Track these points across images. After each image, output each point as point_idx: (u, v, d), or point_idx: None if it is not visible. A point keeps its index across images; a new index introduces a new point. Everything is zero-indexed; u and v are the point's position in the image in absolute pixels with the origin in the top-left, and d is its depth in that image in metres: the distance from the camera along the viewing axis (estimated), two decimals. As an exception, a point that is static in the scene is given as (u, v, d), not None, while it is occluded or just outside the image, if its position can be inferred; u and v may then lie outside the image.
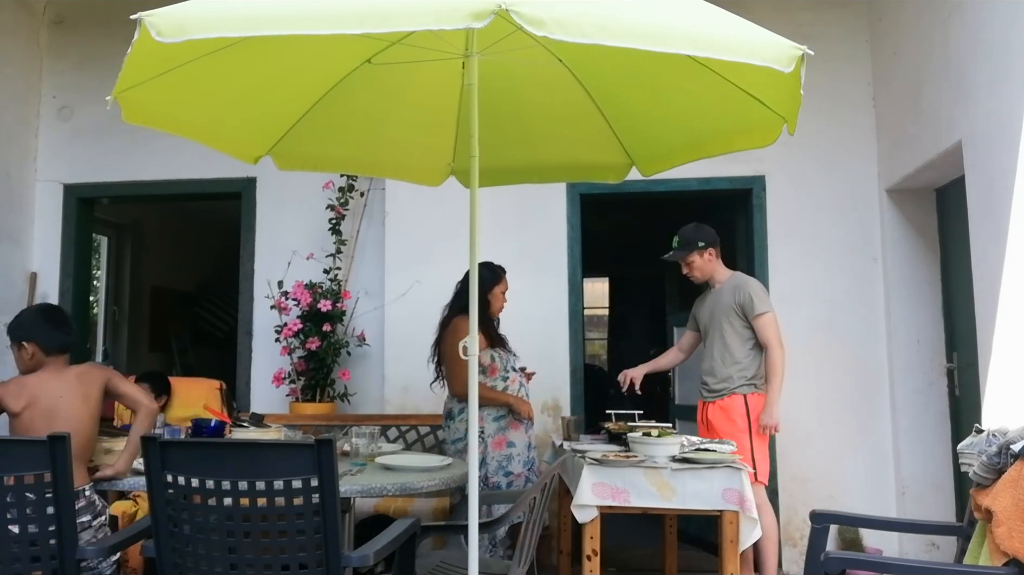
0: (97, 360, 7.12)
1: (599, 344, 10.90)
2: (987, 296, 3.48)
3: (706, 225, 4.02)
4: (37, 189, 5.43)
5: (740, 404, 3.79)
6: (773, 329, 3.78)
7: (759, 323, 3.78)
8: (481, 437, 3.69)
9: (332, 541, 2.08)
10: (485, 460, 3.71)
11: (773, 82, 2.18)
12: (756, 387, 3.81)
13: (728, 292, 3.89)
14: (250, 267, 5.23)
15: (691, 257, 3.96)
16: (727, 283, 3.94)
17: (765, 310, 3.78)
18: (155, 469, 2.13)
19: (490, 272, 3.84)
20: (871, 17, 4.85)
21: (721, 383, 3.84)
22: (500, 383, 3.79)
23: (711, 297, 4.01)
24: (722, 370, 3.84)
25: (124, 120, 2.46)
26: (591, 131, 3.13)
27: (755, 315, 3.78)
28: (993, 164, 3.39)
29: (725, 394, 3.82)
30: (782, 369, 3.74)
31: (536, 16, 1.79)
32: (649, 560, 4.63)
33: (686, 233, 3.99)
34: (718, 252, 4.00)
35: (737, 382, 3.81)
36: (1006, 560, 2.31)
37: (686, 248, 3.96)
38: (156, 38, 1.85)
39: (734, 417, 3.78)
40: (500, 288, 3.89)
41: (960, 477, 4.27)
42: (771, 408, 3.74)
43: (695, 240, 3.95)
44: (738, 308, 3.82)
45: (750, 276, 4.09)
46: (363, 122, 3.18)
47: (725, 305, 3.87)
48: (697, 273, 3.99)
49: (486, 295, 3.81)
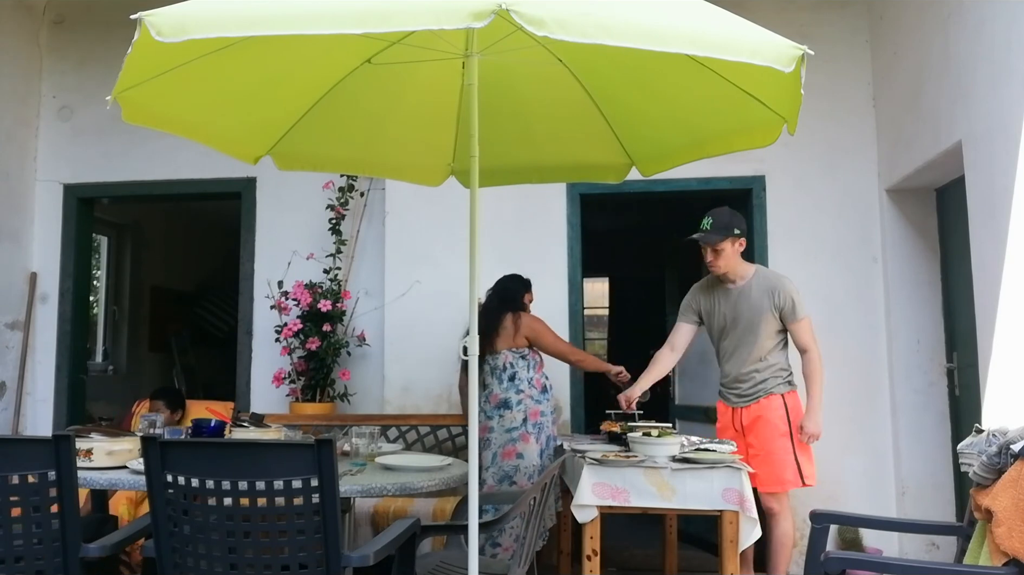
0: (97, 360, 7.13)
1: (599, 344, 10.89)
2: (987, 296, 3.48)
3: (740, 212, 3.75)
4: (37, 189, 5.43)
5: (779, 405, 3.59)
6: (811, 332, 3.59)
7: (799, 327, 3.58)
8: (545, 429, 3.96)
9: (332, 541, 2.08)
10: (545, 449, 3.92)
11: (773, 82, 2.18)
12: (791, 385, 3.64)
13: (762, 292, 3.61)
14: (250, 267, 5.23)
15: (723, 244, 3.58)
16: (754, 280, 3.65)
17: (805, 315, 3.58)
18: (155, 469, 2.13)
19: (519, 280, 4.19)
20: (871, 17, 4.85)
21: (757, 386, 3.62)
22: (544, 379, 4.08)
23: (736, 296, 3.67)
24: (757, 374, 3.63)
25: (124, 120, 2.47)
26: (591, 131, 3.13)
27: (797, 320, 3.57)
28: (993, 164, 3.39)
29: (761, 396, 3.61)
30: (822, 373, 3.57)
31: (536, 16, 1.79)
32: (649, 560, 4.64)
33: (721, 216, 3.62)
34: (745, 244, 3.70)
35: (774, 383, 3.61)
36: (1006, 560, 2.31)
37: (721, 232, 3.57)
38: (156, 38, 1.85)
39: (775, 420, 3.57)
40: (529, 295, 4.20)
41: (960, 477, 4.27)
42: (815, 415, 3.54)
43: (731, 226, 3.58)
44: (776, 311, 3.58)
45: (778, 273, 3.84)
46: (363, 122, 3.18)
47: (758, 306, 3.60)
48: (722, 263, 3.62)
49: (521, 299, 4.15)
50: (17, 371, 5.22)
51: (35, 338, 5.34)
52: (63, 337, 5.34)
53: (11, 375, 5.19)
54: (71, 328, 5.37)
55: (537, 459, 3.90)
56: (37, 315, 5.35)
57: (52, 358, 5.33)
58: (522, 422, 3.90)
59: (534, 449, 3.90)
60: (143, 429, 3.22)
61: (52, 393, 5.30)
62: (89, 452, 2.85)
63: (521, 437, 3.89)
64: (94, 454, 2.86)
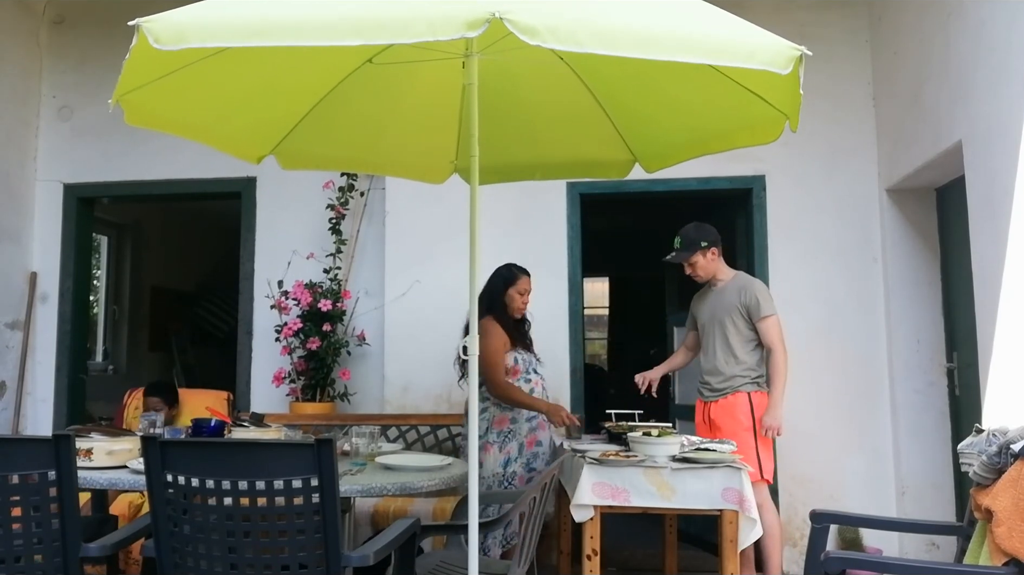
0: (97, 360, 7.14)
1: (599, 344, 10.90)
2: (987, 296, 3.48)
3: (707, 224, 3.99)
4: (37, 189, 5.43)
5: (744, 402, 3.78)
6: (777, 331, 3.78)
7: (764, 325, 3.78)
8: (515, 437, 3.77)
9: (332, 541, 2.08)
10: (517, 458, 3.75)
11: (775, 79, 2.18)
12: (759, 386, 3.81)
13: (732, 292, 3.86)
14: (250, 267, 5.23)
15: (694, 258, 3.92)
16: (731, 282, 3.92)
17: (770, 312, 3.77)
18: (155, 469, 2.13)
19: (507, 271, 3.87)
20: (871, 17, 4.85)
21: (725, 382, 3.83)
22: (524, 384, 3.79)
23: (712, 296, 3.97)
24: (725, 369, 3.83)
25: (127, 123, 2.47)
26: (593, 128, 3.13)
27: (760, 317, 3.77)
28: (993, 164, 3.39)
29: (728, 392, 3.82)
30: (785, 371, 3.74)
31: (530, 24, 1.79)
32: (649, 560, 4.63)
33: (688, 233, 3.94)
34: (720, 251, 3.97)
35: (740, 381, 3.80)
36: (1006, 560, 2.31)
37: (689, 249, 3.92)
38: (154, 45, 1.85)
39: (738, 415, 3.77)
40: (516, 289, 3.84)
41: (960, 477, 4.28)
42: (774, 410, 3.73)
43: (697, 240, 3.91)
44: (743, 309, 3.81)
45: (753, 277, 4.07)
46: (366, 121, 3.18)
47: (728, 304, 3.85)
48: (701, 273, 3.95)
49: (502, 296, 3.82)
50: (17, 371, 5.22)
51: (35, 338, 5.34)
52: (63, 337, 5.34)
53: (11, 375, 5.19)
54: (71, 328, 5.37)
55: (500, 468, 3.73)
56: (37, 315, 5.35)
57: (52, 358, 5.33)
58: (485, 431, 3.73)
59: (494, 459, 3.74)
60: (143, 429, 3.22)
61: (52, 393, 5.30)
62: (89, 452, 2.85)
63: (483, 447, 3.69)
64: (94, 454, 2.86)
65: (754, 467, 3.60)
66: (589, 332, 10.56)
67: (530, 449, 3.79)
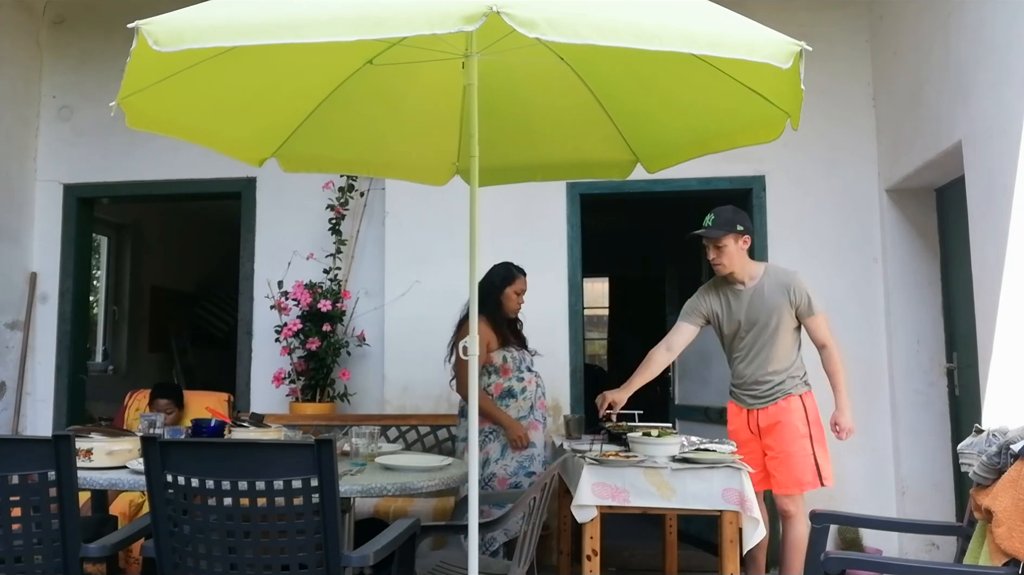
0: (97, 360, 7.14)
1: (599, 344, 10.89)
2: (987, 296, 3.48)
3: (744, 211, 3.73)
4: (37, 189, 5.43)
5: (799, 407, 3.53)
6: (828, 327, 3.54)
7: (816, 322, 3.52)
8: (500, 436, 3.72)
9: (332, 541, 2.08)
10: (502, 459, 3.71)
11: (775, 77, 2.18)
12: (808, 385, 3.59)
13: (776, 291, 3.53)
14: (250, 267, 5.23)
15: (726, 240, 3.52)
16: (765, 279, 3.57)
17: (821, 309, 3.53)
18: (155, 469, 2.13)
19: (505, 271, 3.83)
20: (871, 17, 4.85)
21: (775, 387, 3.55)
22: (515, 383, 3.77)
23: (748, 295, 3.58)
24: (773, 375, 3.55)
25: (128, 126, 2.47)
26: (595, 128, 3.13)
27: (813, 315, 3.51)
28: (993, 164, 3.39)
29: (779, 397, 3.54)
30: (845, 367, 3.53)
31: (528, 18, 1.79)
32: (649, 560, 4.63)
33: (724, 213, 3.56)
34: (751, 244, 3.62)
35: (792, 383, 3.55)
36: (1006, 560, 2.31)
37: (724, 227, 3.52)
38: (153, 47, 1.85)
39: (795, 422, 3.51)
40: (513, 288, 3.82)
41: (960, 477, 4.27)
42: (847, 410, 3.50)
43: (734, 222, 3.54)
44: (793, 308, 3.52)
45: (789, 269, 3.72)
46: (367, 123, 3.18)
47: (775, 305, 3.53)
48: (726, 260, 3.55)
49: (498, 295, 3.80)
50: (17, 371, 5.22)
51: (35, 338, 5.34)
52: (63, 337, 5.34)
53: (11, 375, 5.19)
54: (71, 328, 5.36)
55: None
56: (37, 315, 5.35)
57: (52, 358, 5.33)
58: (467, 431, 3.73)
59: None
60: (143, 429, 3.22)
61: (52, 393, 5.30)
62: (89, 452, 2.85)
63: (465, 448, 3.65)
64: (94, 454, 2.86)
65: (812, 474, 3.47)
66: (589, 332, 10.56)
67: (523, 452, 3.74)
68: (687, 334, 3.74)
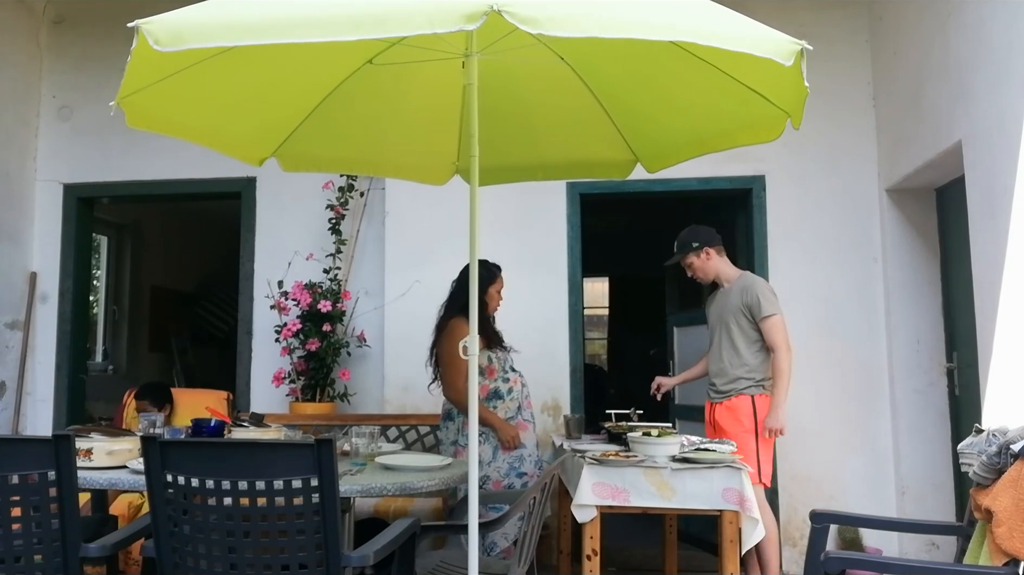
0: (97, 360, 7.14)
1: (599, 344, 10.90)
2: (987, 296, 3.48)
3: (702, 225, 4.02)
4: (37, 189, 5.43)
5: (747, 405, 3.77)
6: (780, 332, 3.75)
7: (766, 325, 3.75)
8: (490, 439, 3.66)
9: (332, 541, 2.08)
10: (494, 461, 3.66)
11: (776, 77, 2.18)
12: (763, 388, 3.79)
13: (736, 292, 3.86)
14: (250, 267, 5.23)
15: (688, 259, 3.98)
16: (735, 283, 3.92)
17: (772, 312, 3.75)
18: (155, 469, 2.13)
19: (486, 271, 3.76)
20: (871, 17, 4.85)
21: (729, 384, 3.83)
22: (501, 384, 3.73)
23: (719, 297, 3.99)
24: (730, 371, 3.83)
25: (128, 126, 2.47)
26: (595, 128, 3.13)
27: (762, 317, 3.75)
28: (993, 164, 3.39)
29: (732, 395, 3.81)
30: (789, 372, 3.72)
31: (529, 15, 1.79)
32: (649, 560, 4.64)
33: (681, 237, 4.01)
34: (719, 251, 3.97)
35: (744, 383, 3.79)
36: (1006, 560, 2.31)
37: (681, 251, 3.99)
38: (154, 47, 1.85)
39: (740, 418, 3.76)
40: (496, 287, 3.81)
41: (960, 477, 4.28)
42: (777, 411, 3.71)
43: (688, 242, 3.97)
44: (745, 309, 3.79)
45: (759, 277, 4.08)
46: (367, 122, 3.18)
47: (732, 306, 3.85)
48: (699, 274, 4.00)
49: (483, 295, 3.73)
50: (17, 371, 5.22)
51: (35, 338, 5.34)
52: (63, 337, 5.34)
53: (11, 375, 5.19)
54: (71, 328, 5.36)
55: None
56: (37, 315, 5.35)
57: (52, 358, 5.33)
58: (456, 434, 3.70)
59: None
60: (143, 429, 3.22)
61: (52, 393, 5.30)
62: (89, 452, 2.85)
63: (455, 452, 3.64)
64: (94, 454, 2.86)
65: (753, 469, 3.58)
66: (589, 332, 10.56)
67: (511, 453, 3.68)
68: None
